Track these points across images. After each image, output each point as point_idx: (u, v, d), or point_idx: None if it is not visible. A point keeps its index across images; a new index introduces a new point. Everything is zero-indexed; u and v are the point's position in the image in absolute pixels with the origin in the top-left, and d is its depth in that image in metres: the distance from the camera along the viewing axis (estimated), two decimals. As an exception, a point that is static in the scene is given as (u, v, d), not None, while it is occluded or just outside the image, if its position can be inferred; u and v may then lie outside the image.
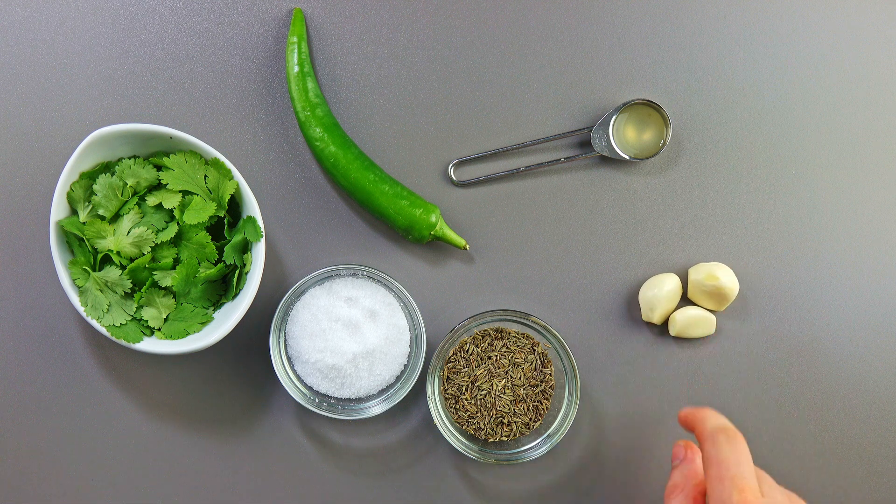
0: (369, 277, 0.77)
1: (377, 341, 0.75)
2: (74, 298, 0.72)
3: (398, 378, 0.77)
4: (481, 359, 0.77)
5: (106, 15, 0.79)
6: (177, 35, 0.79)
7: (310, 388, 0.77)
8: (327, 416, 0.76)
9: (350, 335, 0.75)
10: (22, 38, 0.78)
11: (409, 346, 0.77)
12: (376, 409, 0.76)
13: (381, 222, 0.80)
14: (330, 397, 0.77)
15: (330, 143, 0.77)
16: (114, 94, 0.79)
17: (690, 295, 0.80)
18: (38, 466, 0.78)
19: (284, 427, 0.79)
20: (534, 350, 0.77)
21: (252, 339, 0.79)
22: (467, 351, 0.77)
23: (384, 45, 0.80)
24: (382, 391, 0.77)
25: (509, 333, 0.78)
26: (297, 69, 0.78)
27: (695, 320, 0.79)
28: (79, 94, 0.78)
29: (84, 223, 0.72)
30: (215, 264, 0.74)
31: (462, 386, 0.77)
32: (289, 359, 0.77)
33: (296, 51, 0.78)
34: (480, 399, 0.77)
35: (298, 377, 0.77)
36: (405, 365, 0.77)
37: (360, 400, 0.77)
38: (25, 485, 0.78)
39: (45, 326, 0.78)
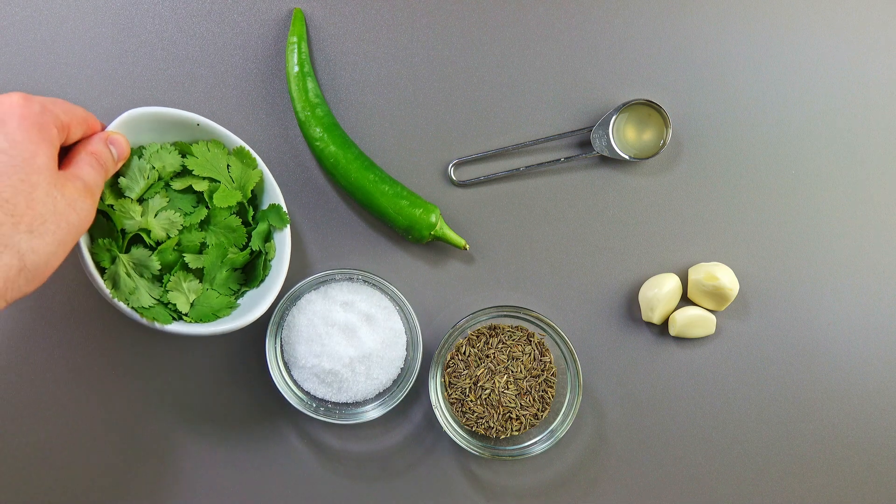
0: (365, 281, 0.77)
1: (374, 345, 0.75)
2: (99, 282, 0.68)
3: (395, 382, 0.77)
4: (479, 358, 0.77)
5: (106, 15, 0.79)
6: (177, 35, 0.79)
7: (307, 393, 0.77)
8: (325, 421, 0.76)
9: (346, 339, 0.75)
10: (22, 38, 0.78)
11: (406, 349, 0.77)
12: (373, 412, 0.76)
13: (381, 222, 0.80)
14: (327, 402, 0.77)
15: (330, 143, 0.77)
16: (114, 93, 0.78)
17: (690, 295, 0.80)
18: (38, 466, 0.78)
19: (282, 432, 0.79)
20: (530, 341, 0.77)
21: (249, 343, 0.78)
22: (464, 353, 0.77)
23: (384, 45, 0.80)
24: (379, 395, 0.77)
25: (503, 329, 0.78)
26: (297, 69, 0.78)
27: (695, 320, 0.79)
28: (79, 94, 0.78)
29: (111, 205, 0.70)
30: (242, 249, 0.74)
31: (465, 388, 0.77)
32: (285, 364, 0.77)
33: (296, 51, 0.78)
34: (485, 398, 0.77)
35: (295, 382, 0.77)
36: (402, 368, 0.77)
37: (357, 404, 0.77)
38: (25, 485, 0.78)
39: (45, 326, 0.78)
